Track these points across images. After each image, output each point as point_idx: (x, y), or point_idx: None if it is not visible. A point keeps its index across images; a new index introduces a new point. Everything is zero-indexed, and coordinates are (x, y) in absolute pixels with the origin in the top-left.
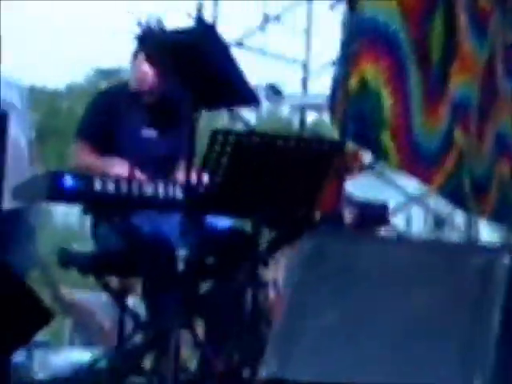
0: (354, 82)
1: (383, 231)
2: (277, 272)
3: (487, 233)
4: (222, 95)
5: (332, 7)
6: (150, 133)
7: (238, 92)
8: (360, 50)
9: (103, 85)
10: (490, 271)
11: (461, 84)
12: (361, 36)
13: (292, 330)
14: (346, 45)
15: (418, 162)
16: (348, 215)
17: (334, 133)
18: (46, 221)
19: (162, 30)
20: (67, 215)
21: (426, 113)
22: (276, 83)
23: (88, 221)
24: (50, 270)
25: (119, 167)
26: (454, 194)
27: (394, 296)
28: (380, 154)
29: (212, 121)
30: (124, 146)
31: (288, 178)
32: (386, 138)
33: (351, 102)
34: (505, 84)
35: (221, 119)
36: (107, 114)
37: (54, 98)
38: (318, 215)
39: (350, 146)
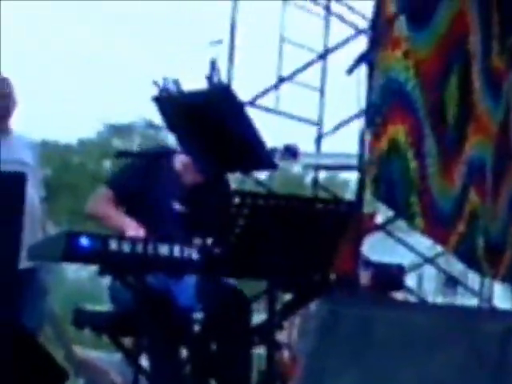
0: (384, 144)
1: (398, 293)
2: (291, 334)
3: (501, 293)
4: (239, 159)
5: (349, 72)
6: (181, 209)
7: (255, 156)
8: (389, 111)
9: (114, 141)
10: (508, 337)
11: (476, 145)
12: (388, 96)
13: None
14: (375, 105)
15: (435, 224)
16: (363, 277)
17: (343, 191)
18: (59, 278)
19: (179, 92)
20: (78, 272)
21: (442, 175)
22: (293, 144)
23: (99, 278)
24: (62, 328)
25: (134, 230)
26: (467, 256)
27: (411, 361)
28: (407, 216)
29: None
30: (151, 213)
31: (304, 239)
32: (414, 201)
33: (381, 164)
34: None
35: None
36: (142, 177)
37: (66, 153)
38: (333, 277)
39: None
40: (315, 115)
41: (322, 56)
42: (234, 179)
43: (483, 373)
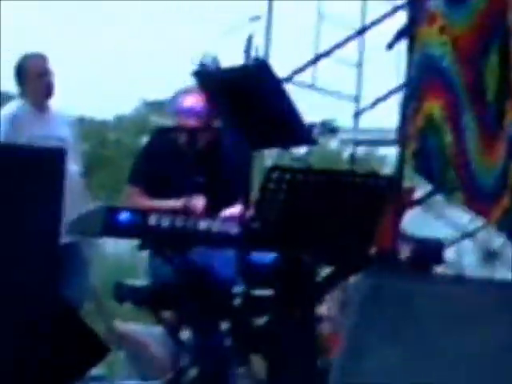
0: (420, 118)
1: (440, 269)
2: (331, 307)
3: None
4: (277, 135)
5: (389, 47)
6: (200, 178)
7: (293, 132)
8: (425, 86)
9: (151, 116)
10: None
11: None
12: (425, 72)
13: (351, 371)
14: (414, 80)
15: (476, 198)
16: (403, 251)
17: (380, 167)
18: (98, 253)
19: (217, 68)
20: (118, 246)
21: (482, 150)
22: (331, 120)
23: (138, 252)
24: (103, 302)
25: (176, 203)
26: (510, 230)
27: (452, 335)
28: (445, 190)
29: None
30: (176, 191)
31: (344, 213)
32: (452, 176)
33: (420, 138)
34: None
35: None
36: (158, 160)
37: (103, 129)
38: (373, 251)
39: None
40: (353, 91)
41: (360, 32)
42: (271, 155)
43: None
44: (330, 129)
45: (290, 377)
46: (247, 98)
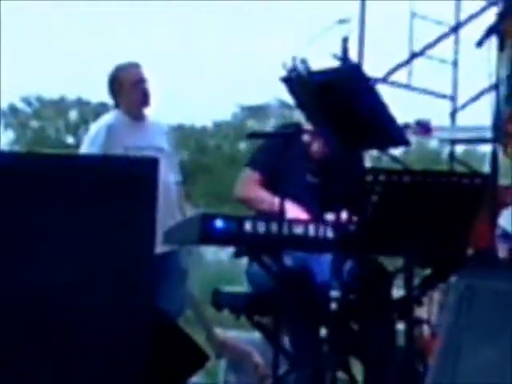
0: None
1: None
2: (431, 310)
3: None
4: (371, 136)
5: (479, 44)
6: (314, 179)
7: (387, 132)
8: None
9: (249, 122)
10: None
11: None
12: None
13: (447, 373)
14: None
15: None
16: (502, 250)
17: (481, 165)
18: (198, 260)
19: (308, 71)
20: (218, 254)
21: None
22: (425, 120)
23: (237, 259)
24: (202, 310)
25: (293, 213)
26: None
27: None
28: None
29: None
30: (288, 187)
31: (439, 214)
32: None
33: None
34: None
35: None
36: (280, 154)
37: (202, 136)
38: (470, 251)
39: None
40: (449, 89)
41: (455, 29)
42: (370, 157)
43: None
44: (425, 128)
45: (388, 380)
46: (340, 101)
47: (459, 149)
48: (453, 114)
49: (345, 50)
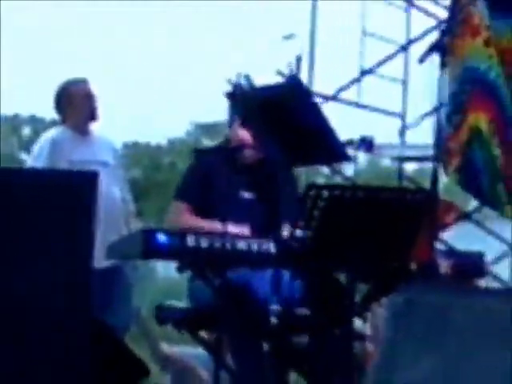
0: (465, 133)
1: (484, 282)
2: (375, 326)
3: None
4: (313, 152)
5: (420, 61)
6: (248, 195)
7: (329, 148)
8: (469, 100)
9: (204, 139)
10: None
11: None
12: (468, 85)
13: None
14: (456, 95)
15: None
16: (444, 266)
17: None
18: (149, 275)
19: (251, 87)
20: (168, 268)
21: None
22: (368, 136)
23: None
24: (149, 325)
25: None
26: None
27: (488, 349)
28: (494, 205)
29: (312, 176)
30: (223, 207)
31: (382, 229)
32: (500, 189)
33: (464, 153)
34: None
35: (321, 174)
36: (207, 176)
37: (156, 153)
38: (412, 267)
39: (443, 195)
40: (398, 107)
41: (404, 47)
42: (322, 175)
43: None
44: (367, 145)
45: None
46: (282, 116)
47: (411, 167)
48: (402, 132)
49: (297, 68)
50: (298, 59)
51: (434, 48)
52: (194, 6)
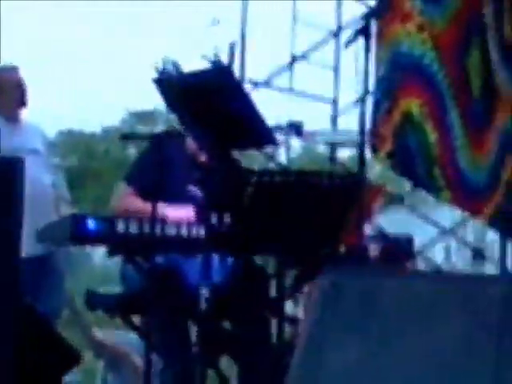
0: (397, 118)
1: (414, 265)
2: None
3: None
4: (238, 136)
5: (346, 45)
6: (196, 189)
7: (256, 133)
8: (400, 85)
9: (138, 128)
10: (509, 301)
11: (506, 117)
12: (399, 70)
13: (309, 368)
14: (386, 80)
15: (466, 195)
16: (373, 249)
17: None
18: (82, 262)
19: (178, 73)
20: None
21: (471, 146)
22: (297, 121)
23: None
24: (81, 312)
25: (174, 211)
26: (504, 225)
27: (413, 330)
28: (431, 189)
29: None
30: (170, 198)
31: (310, 214)
32: (438, 174)
33: (396, 137)
34: None
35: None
36: (158, 163)
37: (91, 142)
38: (341, 251)
39: (373, 180)
40: (331, 93)
41: (335, 34)
42: (256, 162)
43: (485, 338)
44: (296, 130)
45: (260, 377)
46: (208, 102)
47: (346, 153)
48: (334, 118)
49: (232, 55)
50: (232, 46)
51: (358, 33)
52: None
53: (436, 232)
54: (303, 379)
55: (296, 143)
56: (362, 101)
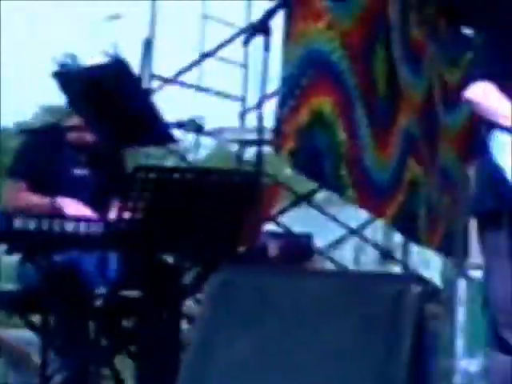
0: (304, 116)
1: (315, 264)
2: None
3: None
4: (137, 134)
5: (245, 43)
6: (81, 172)
7: (152, 130)
8: (312, 82)
9: (51, 122)
10: (399, 300)
11: (408, 117)
12: (311, 68)
13: (200, 367)
14: (294, 78)
15: (370, 195)
16: (272, 248)
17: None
18: None
19: (77, 67)
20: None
21: (376, 145)
22: (198, 117)
23: None
24: None
25: (73, 209)
26: (405, 226)
27: (304, 328)
28: (337, 188)
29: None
30: (56, 185)
31: (209, 211)
32: (343, 173)
33: (301, 136)
34: (443, 117)
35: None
36: (38, 152)
37: (3, 137)
38: (241, 249)
39: (268, 179)
40: (239, 91)
41: (244, 31)
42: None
43: (375, 336)
44: (196, 127)
45: (157, 377)
46: (107, 97)
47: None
48: (242, 116)
49: (146, 52)
50: (147, 43)
51: (256, 30)
52: None
53: (340, 231)
54: (192, 379)
55: (210, 141)
56: (261, 99)
